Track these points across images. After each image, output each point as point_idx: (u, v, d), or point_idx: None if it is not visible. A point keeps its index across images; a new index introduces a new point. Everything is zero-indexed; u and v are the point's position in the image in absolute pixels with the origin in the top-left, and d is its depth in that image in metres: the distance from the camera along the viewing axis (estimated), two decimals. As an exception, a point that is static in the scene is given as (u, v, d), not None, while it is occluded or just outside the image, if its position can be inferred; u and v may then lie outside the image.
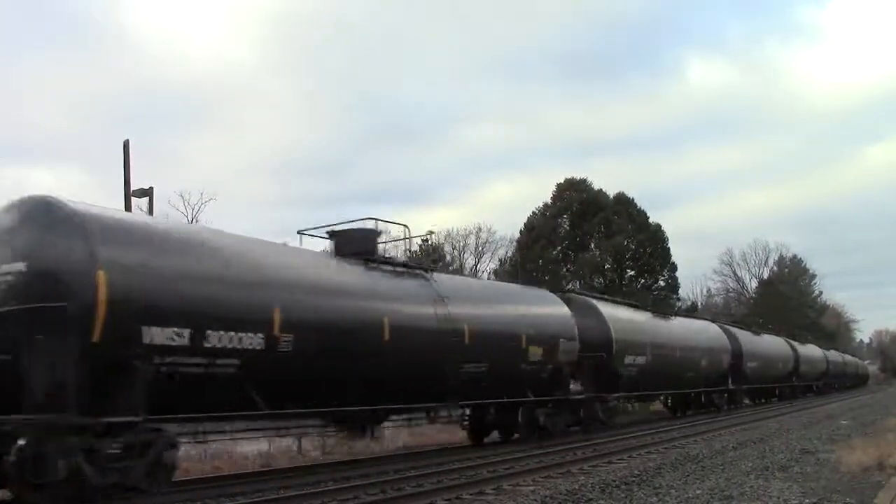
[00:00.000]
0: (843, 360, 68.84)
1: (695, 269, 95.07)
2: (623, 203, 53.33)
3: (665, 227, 53.80)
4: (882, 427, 20.57)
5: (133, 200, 20.47)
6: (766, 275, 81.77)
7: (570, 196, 53.59)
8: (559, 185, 54.52)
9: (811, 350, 54.62)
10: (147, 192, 20.47)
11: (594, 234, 52.87)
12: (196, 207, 36.54)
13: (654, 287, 52.56)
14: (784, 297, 73.92)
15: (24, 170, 57.73)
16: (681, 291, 56.48)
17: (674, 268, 53.72)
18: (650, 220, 53.72)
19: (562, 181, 54.63)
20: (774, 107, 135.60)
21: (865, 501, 9.67)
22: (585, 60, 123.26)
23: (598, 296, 27.34)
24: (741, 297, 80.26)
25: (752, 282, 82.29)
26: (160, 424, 10.47)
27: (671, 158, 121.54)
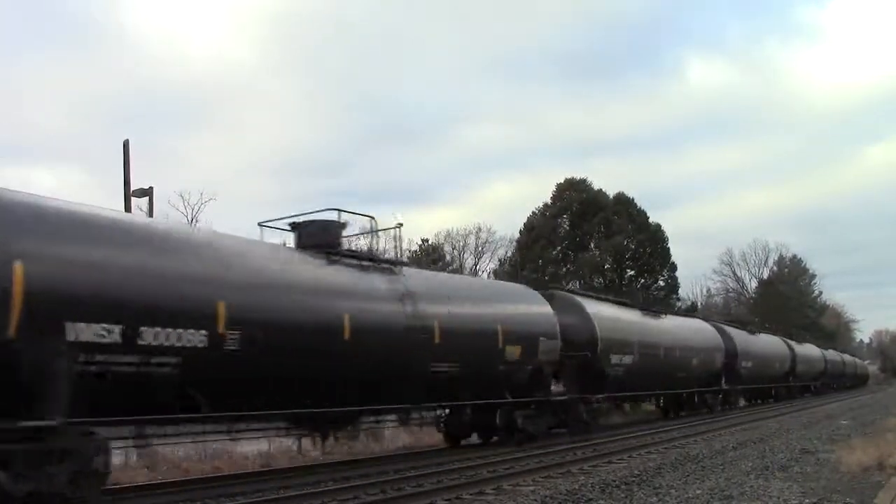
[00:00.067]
0: (842, 360, 68.06)
1: (695, 269, 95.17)
2: (623, 203, 53.17)
3: (665, 227, 53.91)
4: (882, 427, 20.36)
5: (133, 200, 20.64)
6: (766, 275, 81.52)
7: (570, 196, 53.40)
8: (559, 185, 54.43)
9: (809, 349, 53.74)
10: (147, 192, 20.67)
11: (594, 234, 52.70)
12: (196, 207, 36.73)
13: (654, 287, 52.37)
14: (784, 297, 73.67)
15: (24, 170, 57.23)
16: (681, 291, 56.31)
17: (674, 268, 53.57)
18: (650, 220, 53.66)
19: (562, 181, 54.67)
20: (774, 107, 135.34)
21: (865, 501, 9.64)
22: (585, 60, 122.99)
23: (583, 293, 26.55)
24: (741, 297, 79.87)
25: (752, 282, 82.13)
26: (90, 427, 9.76)
27: (671, 158, 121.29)
